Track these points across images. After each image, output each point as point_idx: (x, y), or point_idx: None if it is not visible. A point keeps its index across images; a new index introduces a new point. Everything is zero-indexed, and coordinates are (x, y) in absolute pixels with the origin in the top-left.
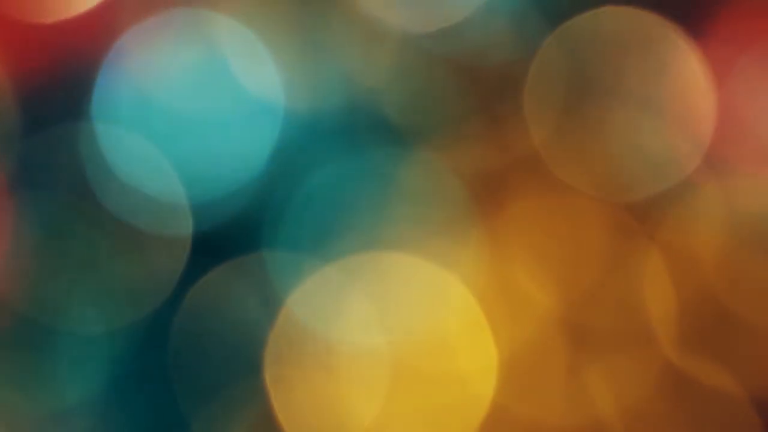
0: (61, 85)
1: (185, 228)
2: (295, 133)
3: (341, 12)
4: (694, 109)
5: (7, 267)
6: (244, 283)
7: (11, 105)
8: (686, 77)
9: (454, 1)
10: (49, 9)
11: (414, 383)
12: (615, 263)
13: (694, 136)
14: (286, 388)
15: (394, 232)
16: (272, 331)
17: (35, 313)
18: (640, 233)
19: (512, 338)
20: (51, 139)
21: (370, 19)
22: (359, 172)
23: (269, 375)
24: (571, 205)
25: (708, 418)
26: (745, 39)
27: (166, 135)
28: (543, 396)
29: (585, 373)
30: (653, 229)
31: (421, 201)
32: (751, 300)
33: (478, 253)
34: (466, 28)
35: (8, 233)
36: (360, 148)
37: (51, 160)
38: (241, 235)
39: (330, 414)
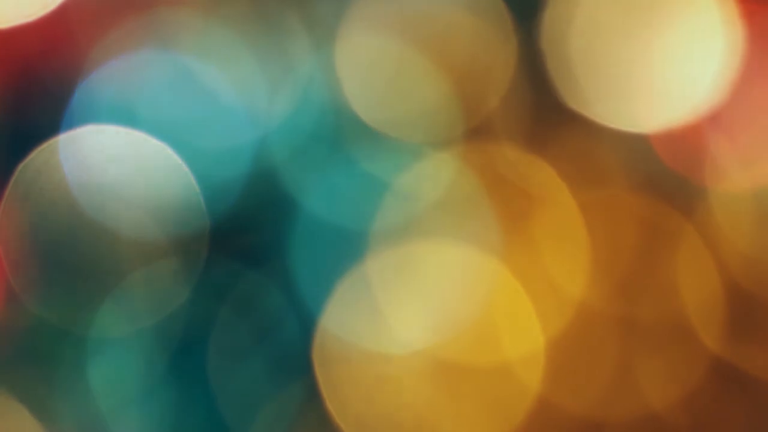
0: (41, 89)
1: (178, 232)
2: (289, 137)
3: (319, 11)
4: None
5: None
6: (271, 287)
7: None
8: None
9: None
10: (23, 10)
11: (458, 377)
12: (655, 253)
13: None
14: (336, 388)
15: (418, 228)
16: (316, 334)
17: (54, 320)
18: (677, 222)
19: (557, 331)
20: (36, 143)
21: (348, 17)
22: (360, 172)
23: (320, 376)
24: (606, 195)
25: (755, 408)
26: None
27: (151, 140)
28: (588, 388)
29: (631, 365)
30: (690, 218)
31: (439, 197)
32: None
33: (511, 245)
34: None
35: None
36: (355, 148)
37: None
38: (251, 240)
39: (379, 409)
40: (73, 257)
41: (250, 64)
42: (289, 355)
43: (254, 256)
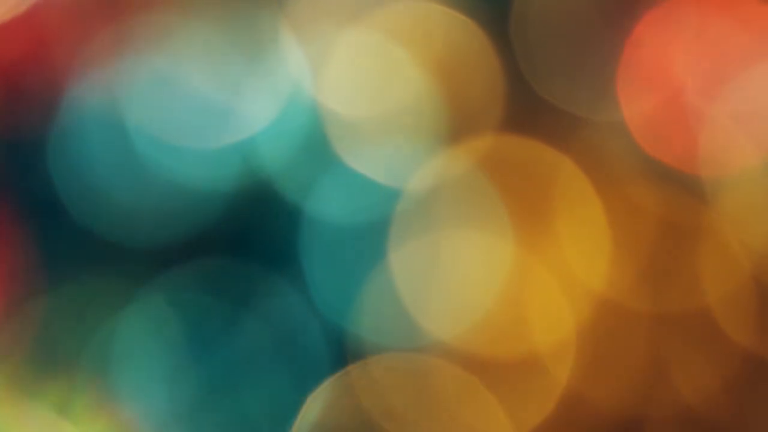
0: (27, 94)
1: (168, 238)
2: (278, 136)
3: (304, 10)
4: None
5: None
6: (279, 288)
7: None
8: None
9: None
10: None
11: (488, 370)
12: (675, 245)
13: None
14: (369, 385)
15: (431, 223)
16: (346, 334)
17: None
18: (696, 217)
19: (584, 324)
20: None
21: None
22: (353, 169)
23: (354, 374)
24: (616, 187)
25: None
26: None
27: (139, 143)
28: (618, 383)
29: (658, 357)
30: (708, 212)
31: (449, 195)
32: None
33: (528, 238)
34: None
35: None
36: (344, 146)
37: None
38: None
39: (412, 404)
40: (76, 267)
41: (236, 66)
42: (311, 356)
43: (255, 257)
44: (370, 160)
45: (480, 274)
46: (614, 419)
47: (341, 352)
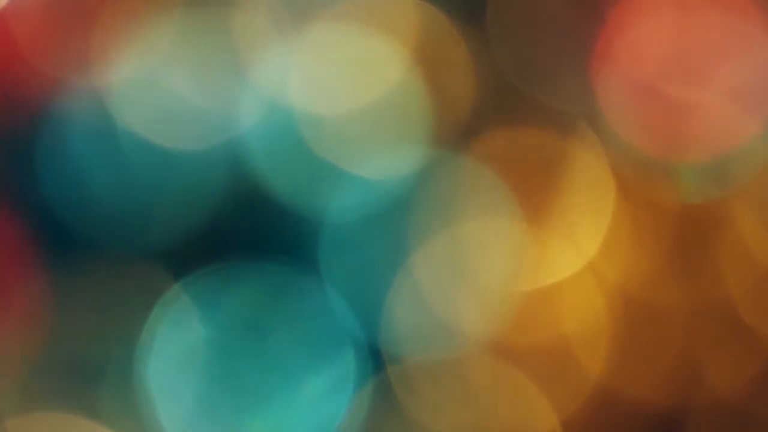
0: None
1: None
2: (265, 136)
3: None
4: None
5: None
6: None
7: None
8: None
9: None
10: None
11: (518, 361)
12: (700, 238)
13: None
14: (408, 380)
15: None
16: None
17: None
18: (707, 212)
19: (615, 316)
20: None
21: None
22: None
23: (391, 373)
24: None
25: None
26: None
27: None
28: (649, 374)
29: (690, 351)
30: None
31: (456, 192)
32: None
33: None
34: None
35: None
36: (328, 144)
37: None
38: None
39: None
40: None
41: (222, 66)
42: (339, 361)
43: (259, 259)
44: (360, 157)
45: (498, 265)
46: (646, 409)
47: (373, 354)
